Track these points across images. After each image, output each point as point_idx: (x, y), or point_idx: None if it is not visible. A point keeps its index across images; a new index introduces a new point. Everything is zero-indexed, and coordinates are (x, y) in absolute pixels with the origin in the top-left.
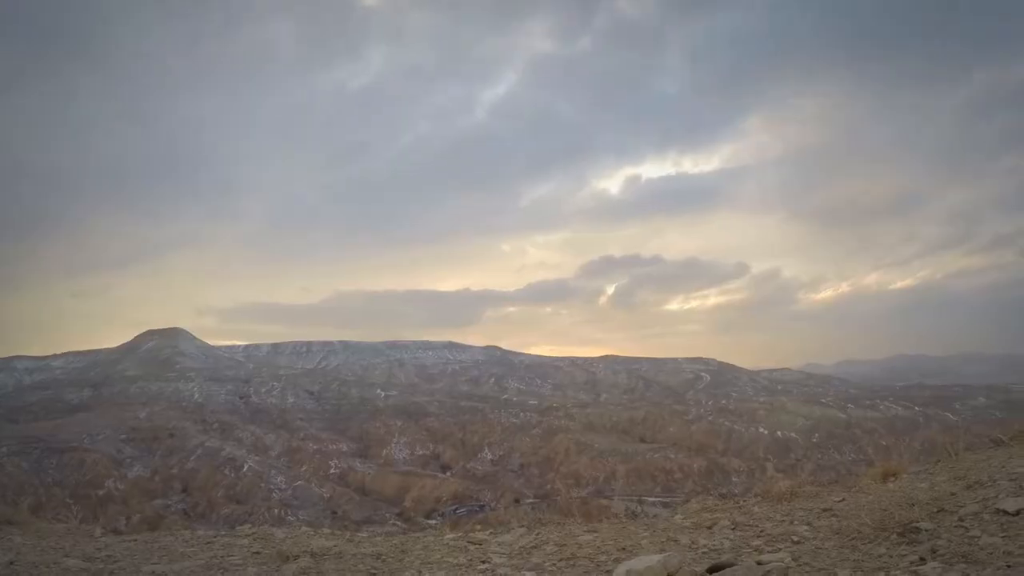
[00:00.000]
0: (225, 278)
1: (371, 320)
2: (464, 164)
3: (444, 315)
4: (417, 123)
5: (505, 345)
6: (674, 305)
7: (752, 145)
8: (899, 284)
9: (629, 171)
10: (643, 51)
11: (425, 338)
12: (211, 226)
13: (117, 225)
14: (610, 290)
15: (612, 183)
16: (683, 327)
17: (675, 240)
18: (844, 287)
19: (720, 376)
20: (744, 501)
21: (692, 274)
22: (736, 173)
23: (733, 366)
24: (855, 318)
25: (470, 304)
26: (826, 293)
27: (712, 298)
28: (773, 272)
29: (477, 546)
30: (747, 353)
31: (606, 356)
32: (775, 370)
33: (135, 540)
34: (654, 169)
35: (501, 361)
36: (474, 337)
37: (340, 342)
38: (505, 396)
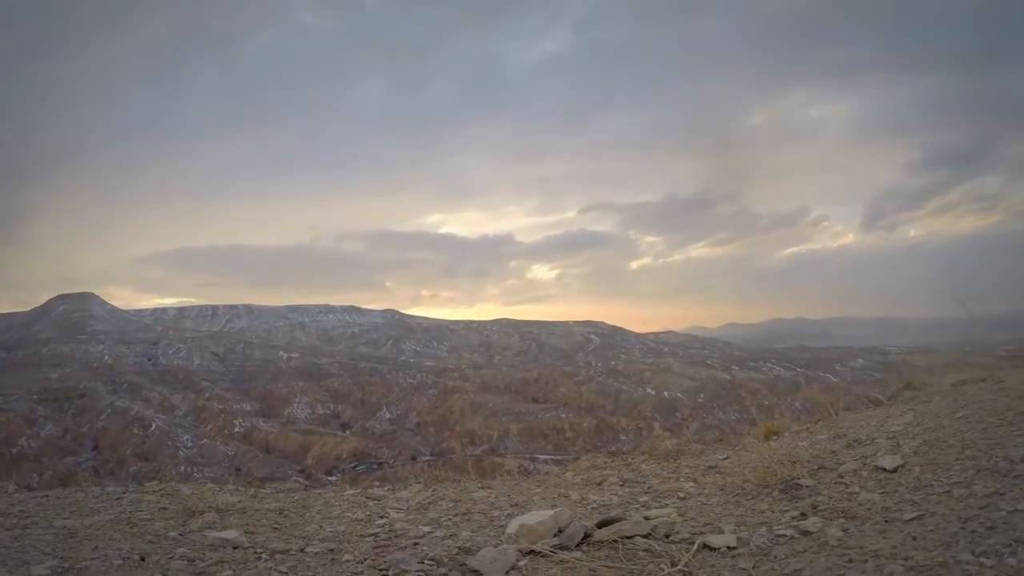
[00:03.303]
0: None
1: (348, 273)
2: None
3: (452, 265)
4: None
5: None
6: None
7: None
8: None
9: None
10: None
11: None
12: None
13: None
14: (651, 240)
15: (820, 110)
16: (644, 288)
17: (820, 178)
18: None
19: (610, 339)
20: (632, 459)
21: (740, 224)
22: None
23: (622, 329)
24: (754, 279)
25: (476, 253)
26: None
27: (714, 250)
28: (815, 221)
29: (376, 501)
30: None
31: (499, 319)
32: (661, 333)
33: (47, 496)
34: (860, 97)
35: (399, 324)
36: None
37: (244, 306)
38: (403, 358)
